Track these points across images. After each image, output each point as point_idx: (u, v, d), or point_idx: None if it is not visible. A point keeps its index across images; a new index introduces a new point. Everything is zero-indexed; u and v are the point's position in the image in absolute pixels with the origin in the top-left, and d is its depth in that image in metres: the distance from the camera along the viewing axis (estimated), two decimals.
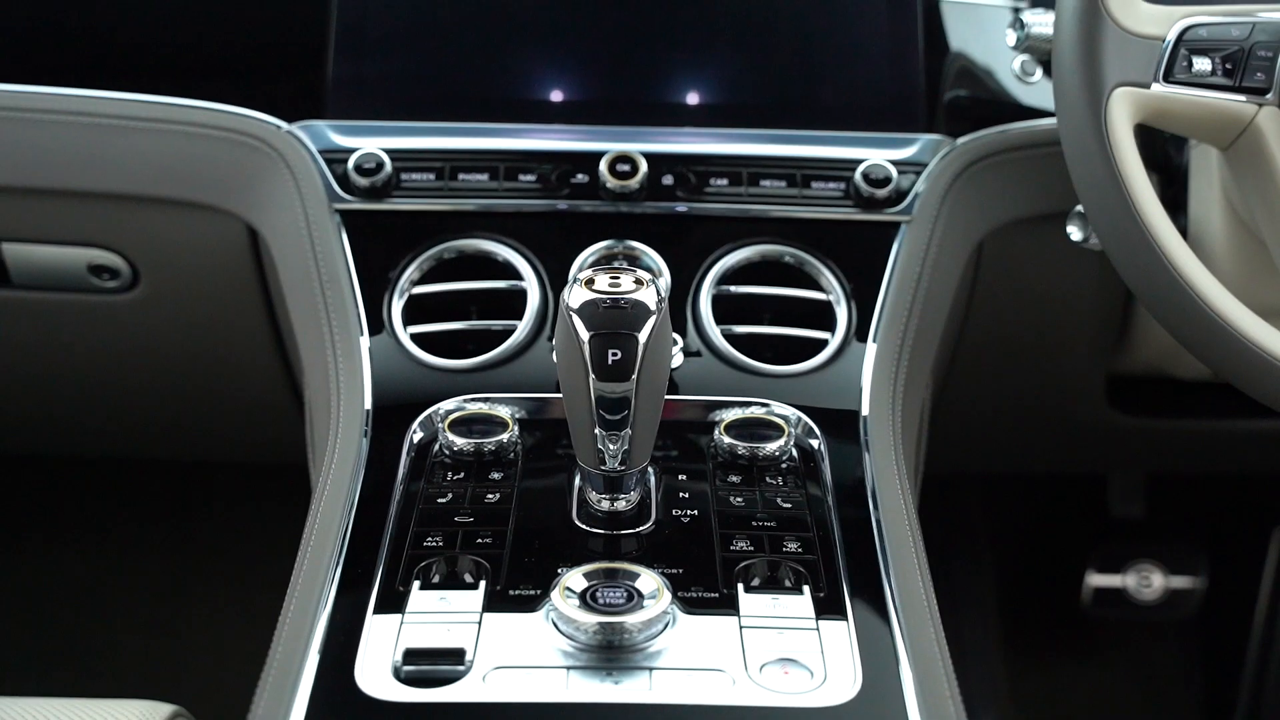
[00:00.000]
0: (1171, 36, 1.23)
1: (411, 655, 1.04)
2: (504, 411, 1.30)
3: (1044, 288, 1.66)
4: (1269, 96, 1.24)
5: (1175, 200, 1.51)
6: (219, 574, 2.33)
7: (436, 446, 1.27)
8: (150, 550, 2.37)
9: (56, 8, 1.59)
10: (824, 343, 1.40)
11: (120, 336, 1.73)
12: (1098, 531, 2.41)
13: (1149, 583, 2.39)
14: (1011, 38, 1.53)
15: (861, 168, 1.48)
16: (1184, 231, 1.49)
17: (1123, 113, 1.21)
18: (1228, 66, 1.24)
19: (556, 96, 1.54)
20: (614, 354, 1.07)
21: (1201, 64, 1.23)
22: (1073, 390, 1.84)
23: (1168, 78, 1.23)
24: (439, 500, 1.20)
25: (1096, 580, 2.41)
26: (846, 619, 1.09)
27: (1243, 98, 1.24)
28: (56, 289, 1.66)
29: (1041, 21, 1.48)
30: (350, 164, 1.47)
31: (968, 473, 2.25)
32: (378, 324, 1.39)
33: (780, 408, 1.32)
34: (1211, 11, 1.26)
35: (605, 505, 1.17)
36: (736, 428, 1.29)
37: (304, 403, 1.52)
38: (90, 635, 2.28)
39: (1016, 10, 1.56)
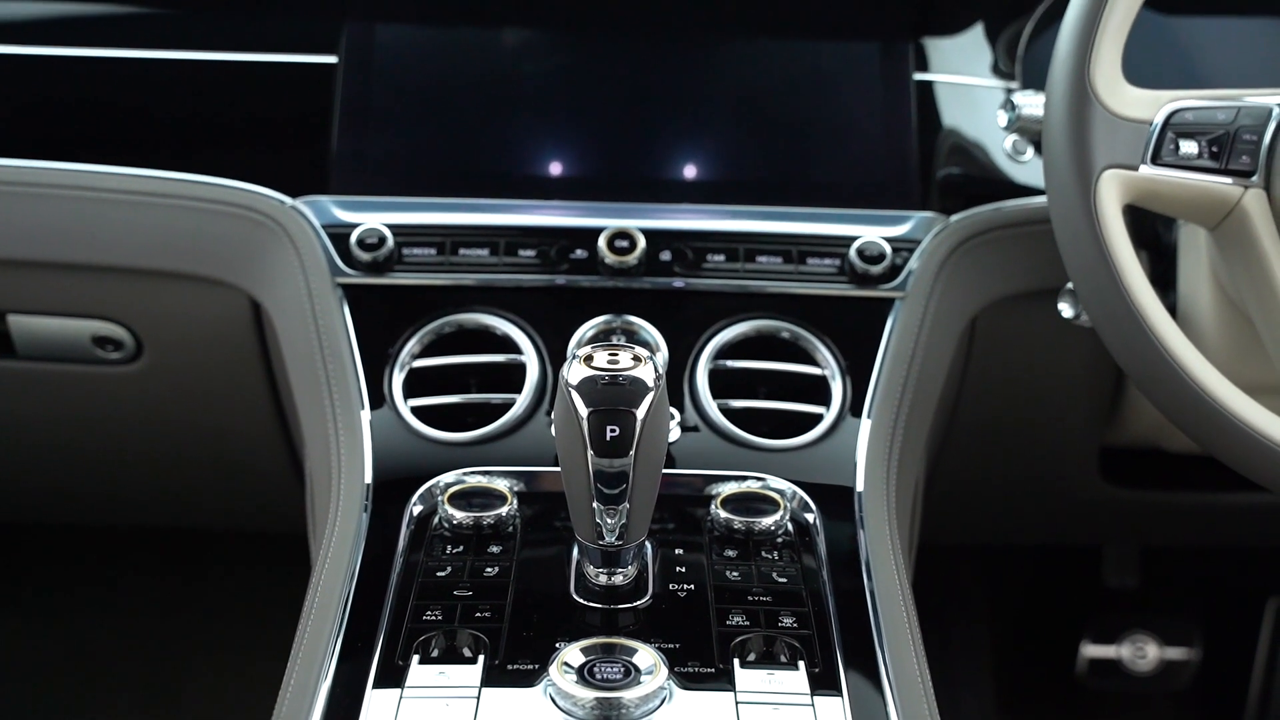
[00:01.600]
0: (1159, 120, 1.26)
1: None
2: (503, 485, 1.31)
3: (1037, 363, 1.68)
4: (1254, 179, 1.26)
5: (1164, 277, 1.53)
6: (217, 642, 2.33)
7: (436, 519, 1.28)
8: (149, 617, 2.37)
9: (63, 83, 1.61)
10: (819, 417, 1.41)
11: (123, 407, 1.74)
12: (1093, 603, 2.42)
13: (1144, 654, 2.39)
14: (1003, 118, 1.56)
15: (856, 244, 1.50)
16: (1173, 308, 1.51)
17: (1111, 194, 1.24)
18: (1214, 149, 1.26)
19: (556, 173, 1.56)
20: (612, 430, 1.09)
21: (1188, 147, 1.26)
22: (1066, 463, 1.86)
23: (1155, 160, 1.25)
24: (438, 574, 1.21)
25: (1092, 651, 2.41)
26: (841, 695, 1.10)
27: (1229, 180, 1.26)
28: (61, 360, 1.68)
29: (1032, 103, 1.51)
30: (353, 239, 1.49)
31: (963, 544, 2.25)
32: (379, 397, 1.41)
33: (776, 482, 1.33)
34: (1197, 96, 1.28)
35: (603, 579, 1.18)
36: (733, 502, 1.30)
37: (304, 473, 1.53)
38: (90, 703, 2.27)
39: (1008, 92, 1.59)
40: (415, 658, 1.11)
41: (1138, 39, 1.29)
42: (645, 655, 1.10)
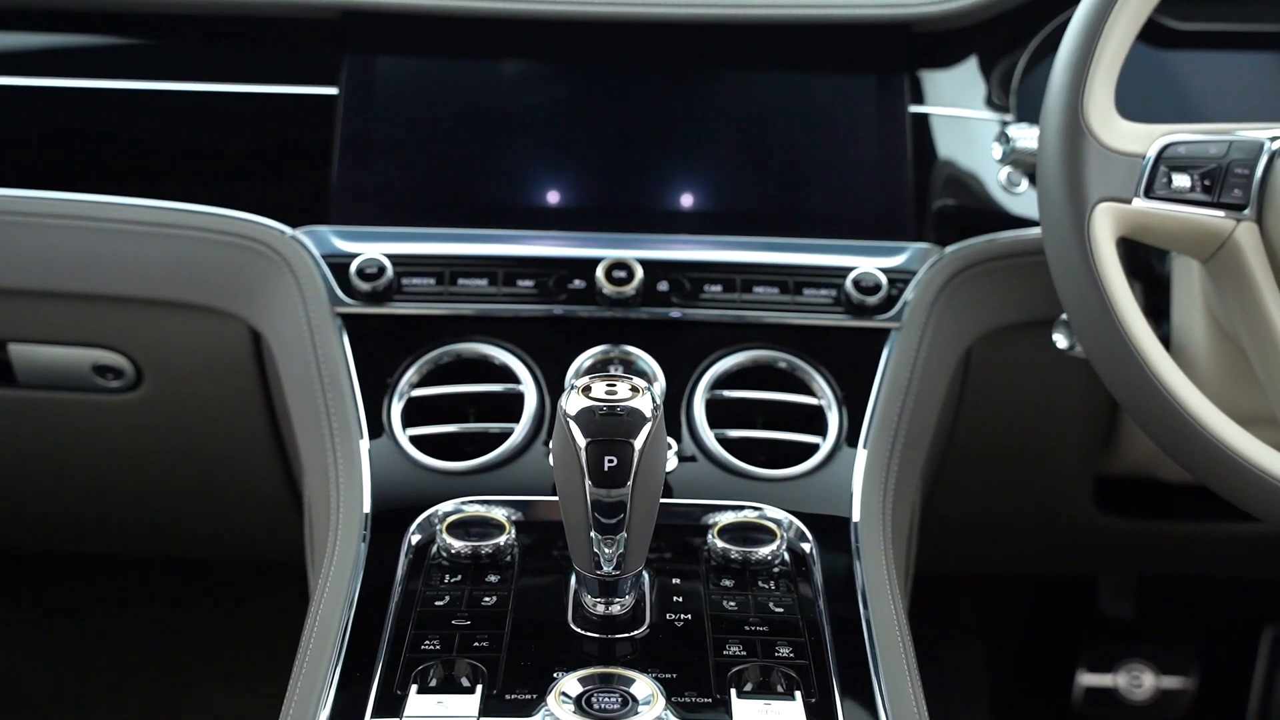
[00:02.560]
0: (1151, 154, 1.27)
1: None
2: (501, 514, 1.32)
3: (1031, 392, 1.69)
4: (1246, 212, 1.27)
5: (1158, 308, 1.54)
6: (215, 670, 2.33)
7: (434, 549, 1.29)
8: (147, 645, 2.37)
9: (65, 114, 1.62)
10: (816, 447, 1.42)
11: (122, 435, 1.75)
12: (1089, 631, 2.42)
13: (1140, 683, 2.40)
14: (997, 151, 1.57)
15: (852, 275, 1.51)
16: (1167, 339, 1.52)
17: (1105, 227, 1.25)
18: (1206, 183, 1.27)
19: (554, 204, 1.57)
20: (610, 460, 1.09)
21: (1181, 180, 1.27)
22: (1061, 492, 1.86)
23: (1148, 193, 1.26)
24: (436, 603, 1.22)
25: (1088, 680, 2.41)
26: None
27: (1221, 213, 1.27)
28: (61, 388, 1.68)
29: (1026, 136, 1.53)
30: (352, 268, 1.50)
31: (959, 573, 2.26)
32: (377, 427, 1.41)
33: (772, 511, 1.34)
34: (1190, 129, 1.30)
35: (600, 609, 1.19)
36: (729, 532, 1.30)
37: (302, 502, 1.54)
38: None
39: (1003, 124, 1.60)
40: (413, 687, 1.12)
41: (1130, 72, 1.31)
42: (643, 685, 1.10)
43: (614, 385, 1.11)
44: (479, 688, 1.11)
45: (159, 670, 2.34)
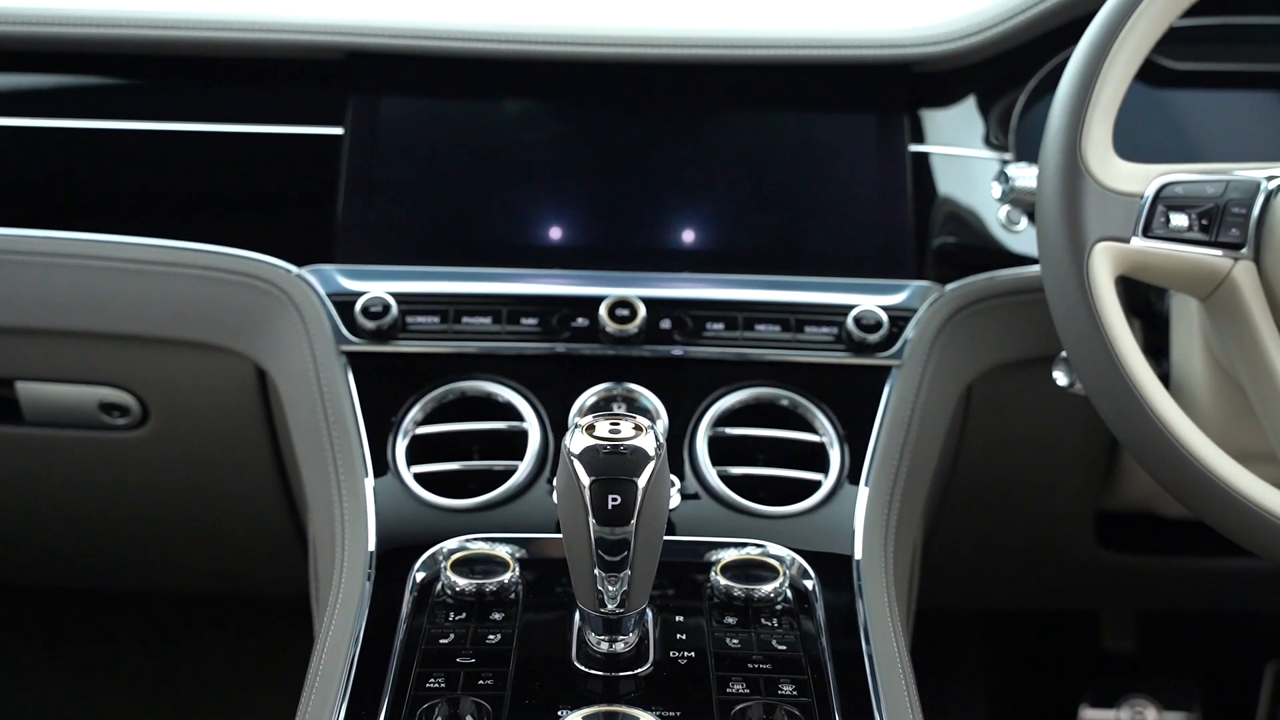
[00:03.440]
0: (1149, 193, 1.28)
1: None
2: (505, 551, 1.32)
3: (1032, 429, 1.69)
4: (1244, 251, 1.28)
5: (1157, 346, 1.55)
6: (220, 706, 2.33)
7: (439, 586, 1.29)
8: (152, 681, 2.36)
9: (73, 154, 1.63)
10: (818, 484, 1.42)
11: (128, 472, 1.76)
12: (1091, 667, 2.42)
13: (1143, 718, 2.39)
14: (997, 190, 1.59)
15: (853, 313, 1.52)
16: (1166, 376, 1.52)
17: (1104, 266, 1.26)
18: (1204, 222, 1.28)
19: (558, 242, 1.59)
20: (614, 499, 1.10)
21: (1179, 220, 1.28)
22: (1062, 528, 1.87)
23: (1146, 233, 1.27)
24: (441, 640, 1.22)
25: (1090, 715, 2.40)
26: None
27: (1219, 252, 1.28)
28: (68, 426, 1.69)
29: (1025, 175, 1.54)
30: (357, 307, 1.51)
31: (961, 609, 2.26)
32: (382, 464, 1.42)
33: (775, 548, 1.35)
34: (1187, 169, 1.31)
35: (604, 646, 1.19)
36: (732, 569, 1.31)
37: (307, 539, 1.54)
38: None
39: (1002, 163, 1.62)
40: None
41: (1127, 112, 1.32)
42: None
43: (617, 424, 1.12)
44: None
45: (163, 706, 2.34)
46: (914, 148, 1.62)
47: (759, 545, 1.35)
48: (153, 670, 2.37)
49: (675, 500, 1.38)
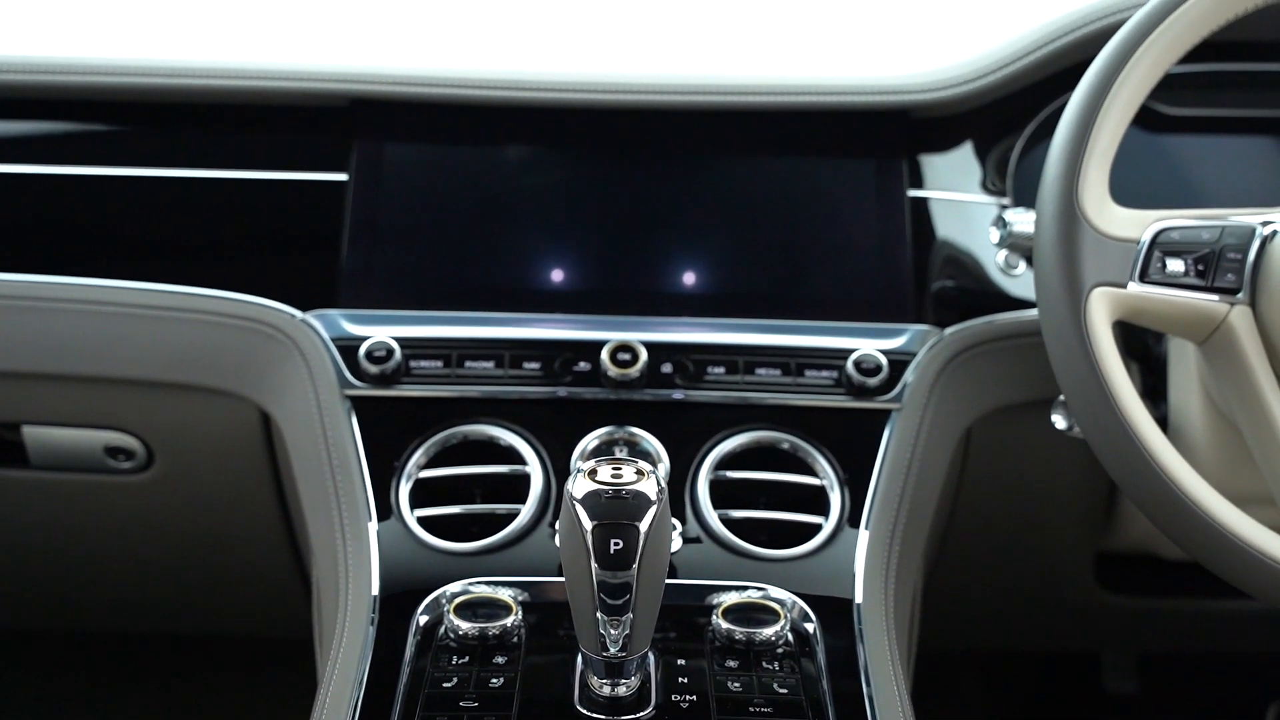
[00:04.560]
0: (1146, 239, 1.29)
1: None
2: (507, 595, 1.33)
3: (1031, 472, 1.70)
4: (1240, 296, 1.29)
5: (1155, 389, 1.56)
6: None
7: (442, 630, 1.30)
8: None
9: (77, 200, 1.65)
10: (818, 527, 1.43)
11: (133, 515, 1.77)
12: (1092, 709, 2.41)
13: None
14: (995, 235, 1.60)
15: (853, 357, 1.53)
16: (1164, 419, 1.53)
17: (1101, 311, 1.27)
18: (1200, 268, 1.29)
19: (560, 287, 1.60)
20: (616, 543, 1.11)
21: (1175, 265, 1.29)
22: (1062, 570, 1.87)
23: (1143, 278, 1.28)
24: (444, 684, 1.23)
25: None
26: None
27: (1215, 297, 1.29)
28: (73, 470, 1.70)
29: (1023, 220, 1.55)
30: (361, 351, 1.52)
31: (962, 651, 2.26)
32: (385, 508, 1.43)
33: (776, 592, 1.35)
34: (1183, 215, 1.32)
35: (606, 690, 1.20)
36: (734, 612, 1.31)
37: (310, 582, 1.55)
38: None
39: (1000, 208, 1.63)
40: None
41: (1123, 157, 1.34)
42: None
43: (619, 469, 1.13)
44: None
45: None
46: (913, 193, 1.63)
47: (760, 588, 1.36)
48: (156, 713, 2.37)
49: (677, 543, 1.39)
